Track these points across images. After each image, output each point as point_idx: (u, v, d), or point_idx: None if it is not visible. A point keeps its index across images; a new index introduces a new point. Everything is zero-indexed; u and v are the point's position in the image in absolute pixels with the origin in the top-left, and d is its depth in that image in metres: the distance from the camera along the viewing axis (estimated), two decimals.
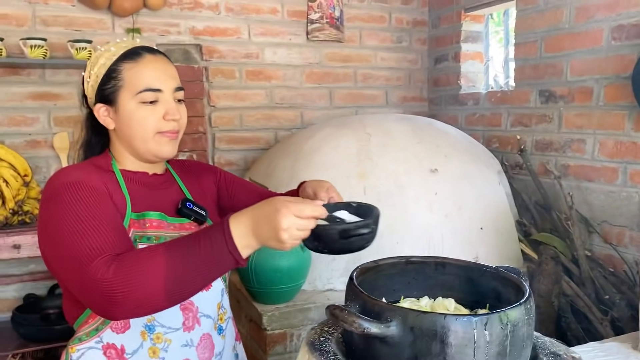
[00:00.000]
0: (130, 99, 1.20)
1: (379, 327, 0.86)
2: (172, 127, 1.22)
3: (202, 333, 1.24)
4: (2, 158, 2.33)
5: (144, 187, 1.26)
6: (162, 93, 1.20)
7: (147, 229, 1.18)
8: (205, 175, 1.44)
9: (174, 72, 1.26)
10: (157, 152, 1.23)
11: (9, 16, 2.50)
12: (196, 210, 1.28)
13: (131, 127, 1.21)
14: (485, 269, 1.10)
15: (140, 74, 1.20)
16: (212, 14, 2.88)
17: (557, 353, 0.98)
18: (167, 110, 1.21)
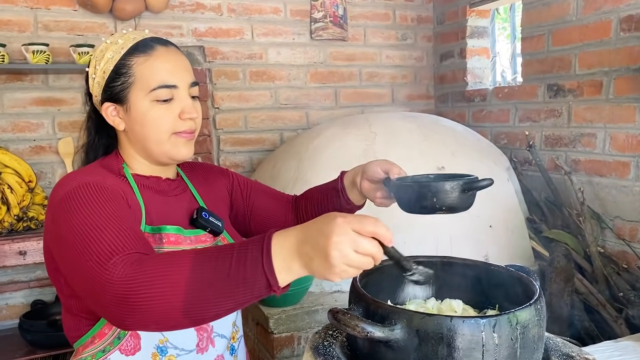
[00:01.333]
0: (144, 97, 1.09)
1: (383, 331, 0.83)
2: (189, 127, 1.12)
3: (215, 355, 1.14)
4: (6, 164, 2.32)
5: (157, 195, 1.15)
6: (177, 89, 1.10)
7: (163, 244, 1.09)
8: (218, 180, 1.33)
9: (188, 65, 1.15)
10: (173, 154, 1.12)
11: (11, 22, 2.49)
12: (212, 221, 1.17)
13: (144, 127, 1.10)
14: (494, 269, 1.06)
15: (153, 68, 1.08)
16: (214, 15, 2.86)
17: (569, 354, 0.94)
18: (184, 108, 1.10)
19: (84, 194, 0.98)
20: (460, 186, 0.97)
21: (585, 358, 0.93)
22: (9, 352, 2.29)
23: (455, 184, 0.96)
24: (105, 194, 0.99)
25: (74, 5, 2.59)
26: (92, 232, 0.92)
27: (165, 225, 1.10)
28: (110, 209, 0.96)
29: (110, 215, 0.95)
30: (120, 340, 1.06)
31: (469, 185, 0.98)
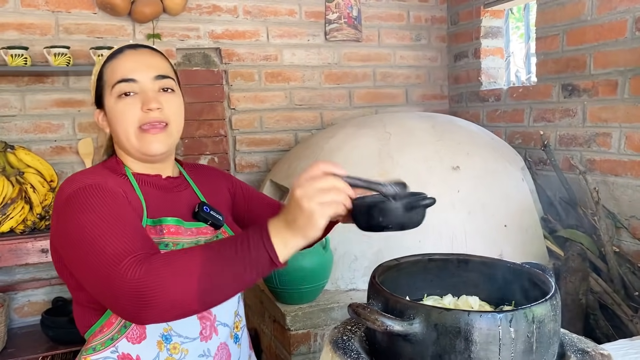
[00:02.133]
0: (110, 95, 1.15)
1: (402, 325, 0.85)
2: (154, 118, 1.14)
3: (219, 342, 1.19)
4: (28, 164, 2.38)
5: (158, 191, 1.21)
6: (137, 83, 1.14)
7: (164, 235, 1.13)
8: (220, 182, 1.38)
9: (157, 61, 1.20)
10: (144, 150, 1.15)
11: (34, 25, 2.55)
12: (213, 214, 1.23)
13: (114, 124, 1.16)
14: (509, 266, 1.08)
15: (114, 68, 1.16)
16: (230, 17, 2.90)
17: (585, 350, 0.96)
18: (144, 100, 1.14)
19: (88, 195, 1.03)
20: (403, 205, 1.01)
21: (600, 353, 0.95)
22: (31, 348, 2.35)
23: (399, 203, 1.01)
24: (108, 195, 1.04)
25: (94, 8, 2.64)
26: (100, 233, 0.97)
27: (166, 217, 1.15)
28: (114, 211, 1.01)
29: (116, 217, 1.00)
30: (127, 329, 1.11)
31: (413, 203, 1.03)
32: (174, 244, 1.13)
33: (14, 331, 2.47)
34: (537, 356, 0.86)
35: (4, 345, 2.33)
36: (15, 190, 2.28)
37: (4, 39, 2.49)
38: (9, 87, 2.54)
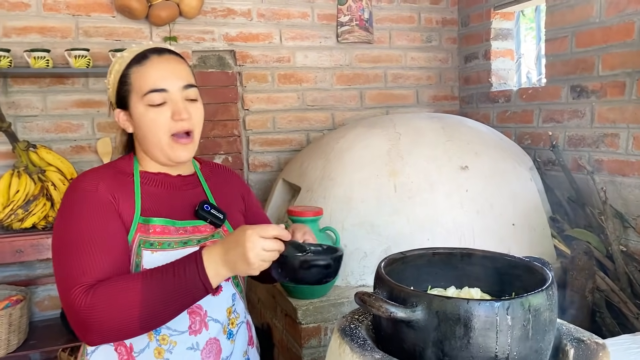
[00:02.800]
0: (139, 102, 1.21)
1: (405, 312, 0.91)
2: (183, 127, 1.22)
3: (208, 337, 1.24)
4: (50, 163, 2.46)
5: (161, 189, 1.28)
6: (168, 93, 1.21)
7: (150, 235, 1.20)
8: (235, 186, 1.45)
9: (183, 70, 1.26)
10: (171, 157, 1.24)
11: (55, 29, 2.64)
12: (213, 212, 1.29)
13: (143, 130, 1.23)
14: (511, 259, 1.13)
15: (145, 76, 1.21)
16: (244, 20, 2.97)
17: (580, 339, 1.01)
18: (174, 110, 1.21)
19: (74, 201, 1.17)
20: (299, 262, 1.10)
21: (595, 342, 0.99)
22: (51, 340, 2.43)
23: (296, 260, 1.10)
24: (91, 207, 1.15)
25: (113, 12, 2.73)
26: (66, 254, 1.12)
27: (154, 217, 1.23)
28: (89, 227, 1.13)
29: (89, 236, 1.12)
30: None
31: (308, 262, 1.11)
32: (159, 243, 1.20)
33: (35, 324, 2.56)
34: (533, 343, 0.91)
35: (26, 336, 2.41)
36: (38, 188, 2.37)
37: (27, 42, 2.59)
38: (32, 88, 2.63)
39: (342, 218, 2.21)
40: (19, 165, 2.40)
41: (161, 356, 1.20)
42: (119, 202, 1.20)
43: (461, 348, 0.89)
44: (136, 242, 1.19)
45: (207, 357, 1.24)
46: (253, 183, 3.08)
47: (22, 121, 2.61)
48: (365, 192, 2.26)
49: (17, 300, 2.34)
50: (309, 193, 2.38)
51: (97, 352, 1.22)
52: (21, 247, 2.28)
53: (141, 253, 1.19)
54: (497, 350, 0.89)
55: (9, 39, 2.57)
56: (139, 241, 1.19)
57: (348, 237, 2.17)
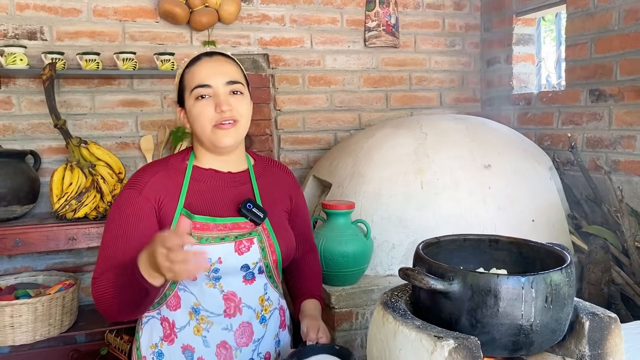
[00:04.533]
0: (189, 98, 1.38)
1: (443, 284, 1.06)
2: (224, 118, 1.35)
3: (242, 321, 1.42)
4: (99, 158, 2.65)
5: (208, 185, 1.42)
6: (212, 88, 1.36)
7: (192, 230, 1.34)
8: (284, 186, 1.56)
9: (228, 68, 1.39)
10: (215, 142, 1.37)
11: (104, 33, 2.83)
12: (254, 211, 1.41)
13: (194, 122, 1.38)
14: (534, 244, 1.27)
15: (194, 74, 1.38)
16: (278, 25, 3.14)
17: (595, 313, 1.15)
18: (217, 102, 1.35)
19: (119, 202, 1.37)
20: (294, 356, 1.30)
21: (608, 316, 1.14)
22: (99, 322, 2.62)
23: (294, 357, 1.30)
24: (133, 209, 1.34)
25: (156, 17, 2.92)
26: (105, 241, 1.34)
27: (196, 214, 1.37)
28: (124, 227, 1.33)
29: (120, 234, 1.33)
30: (167, 298, 1.40)
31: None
32: (198, 238, 1.35)
33: (82, 307, 2.75)
34: (553, 313, 1.06)
35: (75, 318, 2.60)
36: (89, 181, 2.56)
37: (78, 45, 2.79)
38: (81, 88, 2.83)
39: (372, 212, 2.37)
40: (72, 160, 2.59)
41: (199, 333, 1.39)
42: (162, 198, 1.37)
43: (491, 316, 1.04)
44: None
45: (240, 337, 1.42)
46: None
47: (72, 119, 2.80)
48: (393, 188, 2.41)
49: (69, 285, 2.53)
50: (340, 189, 2.54)
51: (147, 324, 1.43)
52: (74, 235, 2.47)
53: None
54: (522, 318, 1.04)
55: (62, 43, 2.77)
56: None
57: (377, 230, 2.32)
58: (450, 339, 1.00)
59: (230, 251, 1.38)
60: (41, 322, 2.38)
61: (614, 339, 1.14)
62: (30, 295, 2.43)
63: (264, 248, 1.44)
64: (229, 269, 1.39)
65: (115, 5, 2.84)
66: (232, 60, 1.44)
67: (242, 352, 1.42)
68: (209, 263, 1.35)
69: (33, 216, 2.67)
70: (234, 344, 1.41)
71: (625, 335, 1.45)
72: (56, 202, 2.51)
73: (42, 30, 2.75)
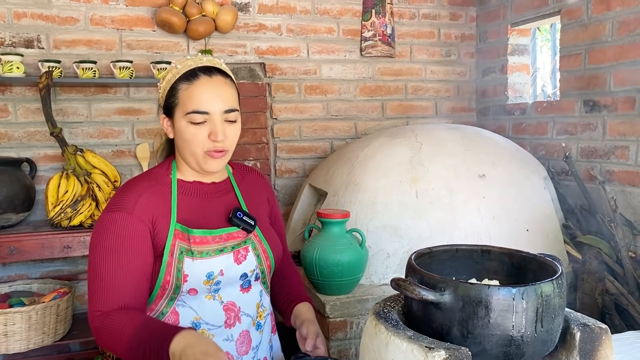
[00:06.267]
0: (182, 117, 1.31)
1: (435, 295, 1.06)
2: (217, 147, 1.32)
3: (241, 330, 1.41)
4: (95, 166, 2.66)
5: (196, 198, 1.39)
6: (209, 115, 1.30)
7: (191, 245, 1.33)
8: (263, 191, 1.57)
9: (228, 93, 1.33)
10: (203, 167, 1.35)
11: (101, 42, 2.85)
12: (245, 220, 1.41)
13: (182, 141, 1.33)
14: (526, 255, 1.28)
15: (192, 95, 1.30)
16: (274, 35, 3.16)
17: (586, 324, 1.15)
18: (212, 131, 1.30)
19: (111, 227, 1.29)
20: None
21: (599, 327, 1.14)
22: None
23: None
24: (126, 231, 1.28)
25: (153, 26, 2.93)
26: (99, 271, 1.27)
27: (194, 228, 1.34)
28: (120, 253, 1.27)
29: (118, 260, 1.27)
30: (164, 316, 1.36)
31: None
32: (199, 252, 1.33)
33: (77, 316, 2.74)
34: (545, 323, 1.06)
35: (70, 327, 2.60)
36: (84, 189, 2.56)
37: (75, 54, 2.80)
38: (78, 96, 2.83)
39: (367, 221, 2.37)
40: (68, 168, 2.59)
41: None
42: (155, 217, 1.32)
43: (482, 327, 1.05)
44: (177, 249, 1.32)
45: (241, 346, 1.41)
46: (279, 188, 3.25)
47: (68, 127, 2.81)
48: (388, 197, 2.42)
49: (63, 293, 2.53)
50: (335, 197, 2.54)
51: None
52: (69, 243, 2.47)
53: (183, 260, 1.32)
54: (513, 329, 1.04)
55: (58, 51, 2.78)
56: (179, 248, 1.32)
57: (372, 239, 2.33)
58: (442, 350, 1.00)
59: (231, 262, 1.38)
60: (35, 330, 2.37)
61: (604, 350, 1.14)
62: (25, 303, 2.43)
63: (259, 255, 1.44)
64: (229, 279, 1.39)
65: (113, 14, 2.86)
66: (229, 79, 1.38)
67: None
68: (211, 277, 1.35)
69: (28, 224, 2.67)
70: (236, 353, 1.41)
71: (619, 346, 1.46)
72: (51, 210, 2.51)
73: (39, 39, 2.76)
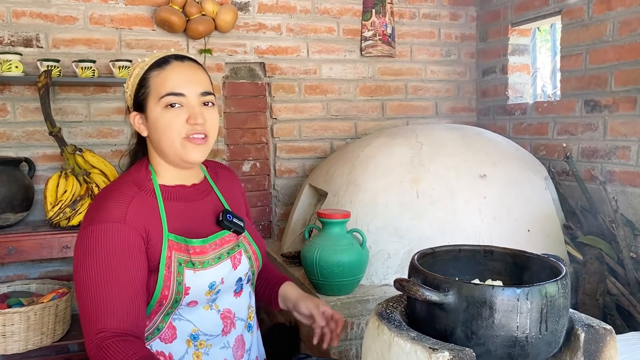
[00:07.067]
0: (156, 105, 1.24)
1: (438, 296, 1.05)
2: (197, 131, 1.25)
3: (236, 335, 1.38)
4: (94, 165, 2.64)
5: (181, 203, 1.32)
6: (185, 97, 1.24)
7: (190, 255, 1.26)
8: (236, 187, 1.52)
9: (202, 77, 1.29)
10: (184, 157, 1.26)
11: (100, 41, 2.83)
12: (236, 222, 1.35)
13: (158, 132, 1.25)
14: (529, 255, 1.27)
15: (164, 79, 1.24)
16: (274, 34, 3.15)
17: (590, 325, 1.14)
18: (190, 114, 1.24)
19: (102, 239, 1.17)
20: None
21: (603, 328, 1.13)
22: None
23: None
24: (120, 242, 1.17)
25: (153, 25, 2.92)
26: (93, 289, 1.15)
27: (191, 238, 1.28)
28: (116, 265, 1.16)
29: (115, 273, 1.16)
30: (160, 331, 1.30)
31: None
32: (200, 263, 1.27)
33: (75, 316, 2.72)
34: (549, 324, 1.05)
35: (68, 327, 2.58)
36: (83, 189, 2.55)
37: (74, 53, 2.79)
38: (77, 95, 2.82)
39: (368, 221, 2.36)
40: (66, 167, 2.58)
41: (199, 359, 1.32)
42: (147, 226, 1.23)
43: (487, 328, 1.04)
44: (174, 261, 1.24)
45: (237, 352, 1.39)
46: (279, 188, 3.24)
47: (67, 126, 2.79)
48: (389, 197, 2.41)
49: (62, 293, 2.51)
50: (336, 197, 2.53)
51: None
52: (68, 243, 2.45)
53: (183, 272, 1.24)
54: (517, 330, 1.03)
55: (57, 50, 2.77)
56: (177, 259, 1.24)
57: (373, 239, 2.31)
58: (446, 351, 0.99)
59: (229, 269, 1.34)
60: (34, 331, 2.36)
61: (609, 351, 1.14)
62: (23, 303, 2.42)
63: (250, 257, 1.41)
64: (227, 287, 1.35)
65: (112, 13, 2.85)
66: (201, 67, 1.34)
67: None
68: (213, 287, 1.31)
69: (27, 224, 2.65)
70: (233, 359, 1.39)
71: (621, 347, 1.45)
72: (50, 209, 2.49)
73: (38, 38, 2.74)
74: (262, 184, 3.22)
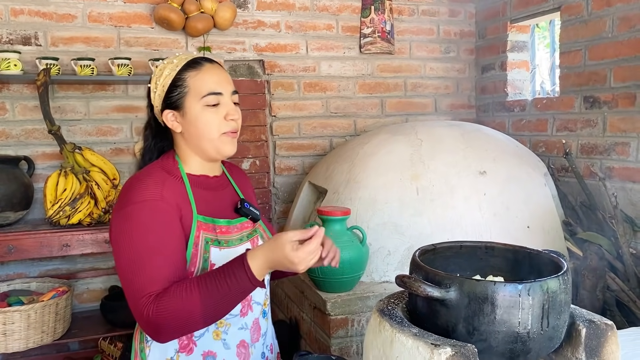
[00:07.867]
0: (196, 103, 1.35)
1: (440, 292, 1.06)
2: (233, 127, 1.38)
3: (253, 318, 1.43)
4: (93, 164, 2.64)
5: (206, 190, 1.41)
6: (222, 96, 1.36)
7: (217, 234, 1.36)
8: (248, 183, 1.63)
9: (230, 78, 1.43)
10: (222, 150, 1.38)
11: (99, 39, 2.83)
12: (252, 209, 1.47)
13: (198, 128, 1.35)
14: (530, 251, 1.27)
15: (203, 80, 1.36)
16: (273, 32, 3.15)
17: (592, 320, 1.15)
18: (228, 111, 1.36)
19: (142, 215, 1.26)
20: None
21: (604, 323, 1.14)
22: (92, 329, 2.61)
23: None
24: (160, 216, 1.26)
25: (152, 23, 2.91)
26: (137, 263, 1.22)
27: (218, 218, 1.38)
28: (159, 237, 1.24)
29: (157, 246, 1.23)
30: None
31: None
32: (225, 242, 1.36)
33: (76, 315, 2.72)
34: (551, 320, 1.06)
35: (69, 326, 2.58)
36: (83, 187, 2.54)
37: (73, 51, 2.78)
38: (76, 94, 2.82)
39: (367, 218, 2.36)
40: (66, 166, 2.57)
41: (219, 337, 1.37)
42: (180, 205, 1.32)
43: (488, 323, 1.04)
44: (202, 240, 1.33)
45: (254, 334, 1.43)
46: (279, 185, 3.24)
47: (66, 125, 2.79)
48: (389, 194, 2.41)
49: (62, 291, 2.51)
50: (336, 195, 2.53)
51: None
52: (68, 241, 2.45)
53: (209, 249, 1.33)
54: (519, 326, 1.03)
55: (56, 48, 2.76)
56: (204, 238, 1.33)
57: (373, 236, 2.32)
58: (448, 347, 1.00)
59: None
60: (34, 329, 2.36)
61: (610, 347, 1.14)
62: (23, 302, 2.41)
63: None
64: None
65: (111, 11, 2.84)
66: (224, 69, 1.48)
67: (256, 347, 1.44)
68: None
69: (26, 222, 2.65)
70: (250, 341, 1.42)
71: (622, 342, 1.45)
72: (50, 208, 2.49)
73: (36, 36, 2.74)
74: (261, 181, 3.22)
